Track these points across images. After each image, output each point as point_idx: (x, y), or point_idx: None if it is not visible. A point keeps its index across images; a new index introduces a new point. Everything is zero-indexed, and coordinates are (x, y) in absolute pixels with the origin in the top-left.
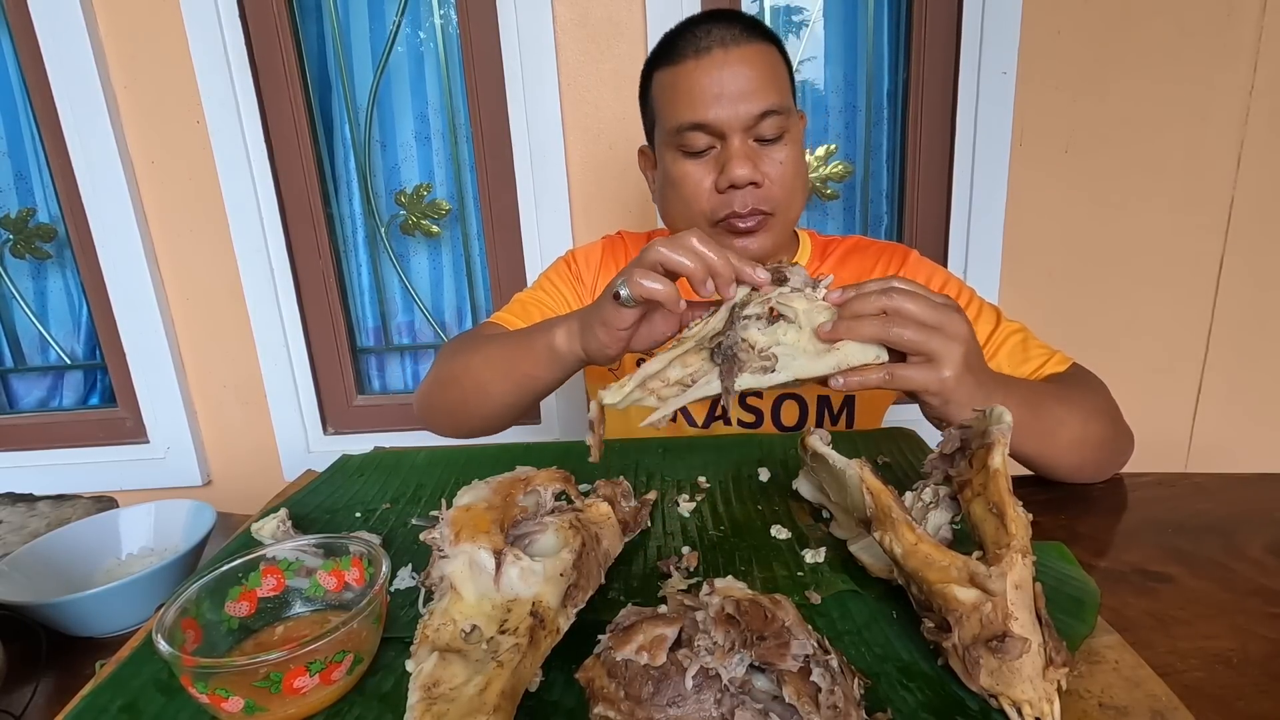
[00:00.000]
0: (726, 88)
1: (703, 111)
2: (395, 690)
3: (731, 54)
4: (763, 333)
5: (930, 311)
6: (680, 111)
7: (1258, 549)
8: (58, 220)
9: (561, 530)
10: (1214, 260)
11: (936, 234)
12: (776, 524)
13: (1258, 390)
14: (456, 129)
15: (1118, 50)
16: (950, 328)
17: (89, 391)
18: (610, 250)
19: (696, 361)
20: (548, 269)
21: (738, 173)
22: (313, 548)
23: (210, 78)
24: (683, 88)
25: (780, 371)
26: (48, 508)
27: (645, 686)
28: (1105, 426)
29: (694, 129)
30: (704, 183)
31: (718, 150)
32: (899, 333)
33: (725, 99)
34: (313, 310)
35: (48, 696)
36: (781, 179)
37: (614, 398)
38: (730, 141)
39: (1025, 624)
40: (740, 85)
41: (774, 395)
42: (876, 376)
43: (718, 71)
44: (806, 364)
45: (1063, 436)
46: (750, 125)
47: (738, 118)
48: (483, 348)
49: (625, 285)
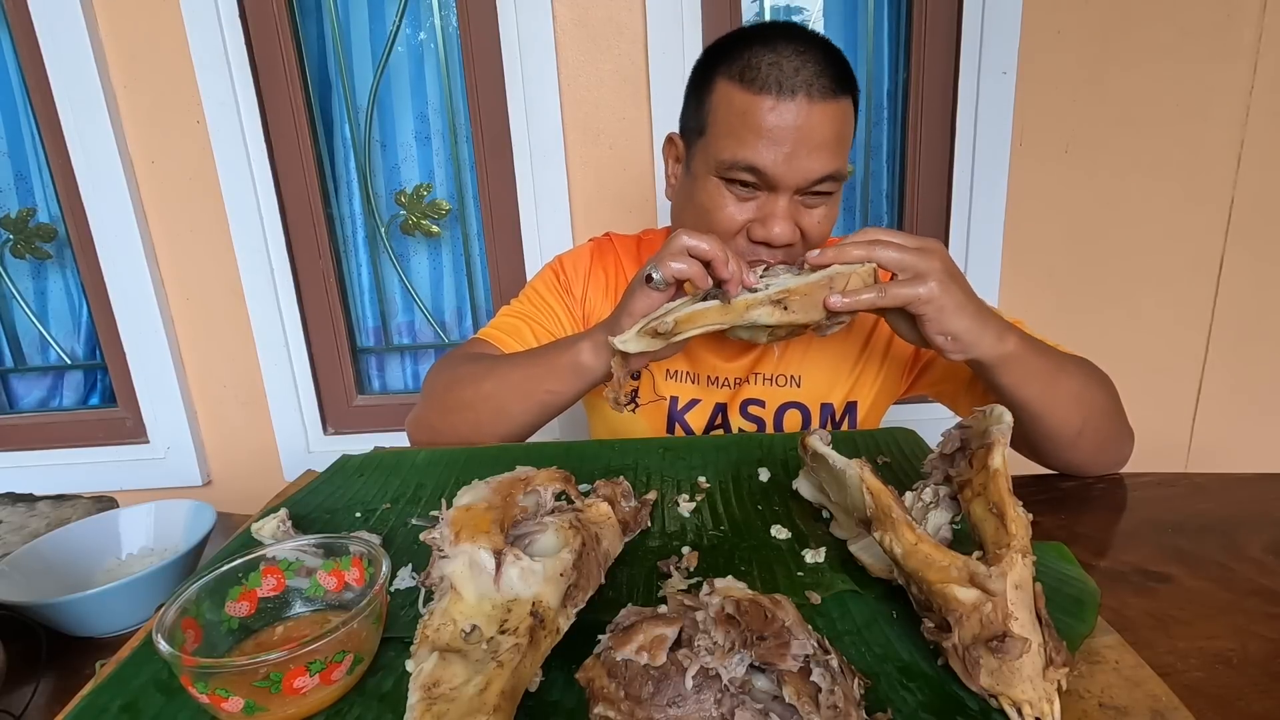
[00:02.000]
0: (800, 144)
1: (765, 159)
2: (395, 690)
3: (815, 109)
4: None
5: (905, 237)
6: (740, 147)
7: (1258, 549)
8: (58, 220)
9: (561, 530)
10: (1214, 260)
11: (936, 234)
12: (776, 524)
13: (1258, 390)
14: (456, 129)
15: (1118, 50)
16: (927, 245)
17: (89, 391)
18: (599, 253)
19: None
20: (535, 278)
21: (777, 232)
22: (313, 548)
23: (210, 78)
24: (753, 122)
25: (772, 287)
26: (48, 508)
27: (645, 686)
28: (1107, 399)
29: (748, 170)
30: (737, 219)
31: (762, 198)
32: (883, 253)
33: (793, 156)
34: (313, 310)
35: (48, 696)
36: (815, 236)
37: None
38: (779, 197)
39: (1025, 624)
40: (813, 145)
41: (777, 404)
42: (869, 296)
43: (795, 123)
44: (793, 279)
45: (1065, 386)
46: (806, 187)
47: (798, 177)
48: (495, 371)
49: (658, 269)
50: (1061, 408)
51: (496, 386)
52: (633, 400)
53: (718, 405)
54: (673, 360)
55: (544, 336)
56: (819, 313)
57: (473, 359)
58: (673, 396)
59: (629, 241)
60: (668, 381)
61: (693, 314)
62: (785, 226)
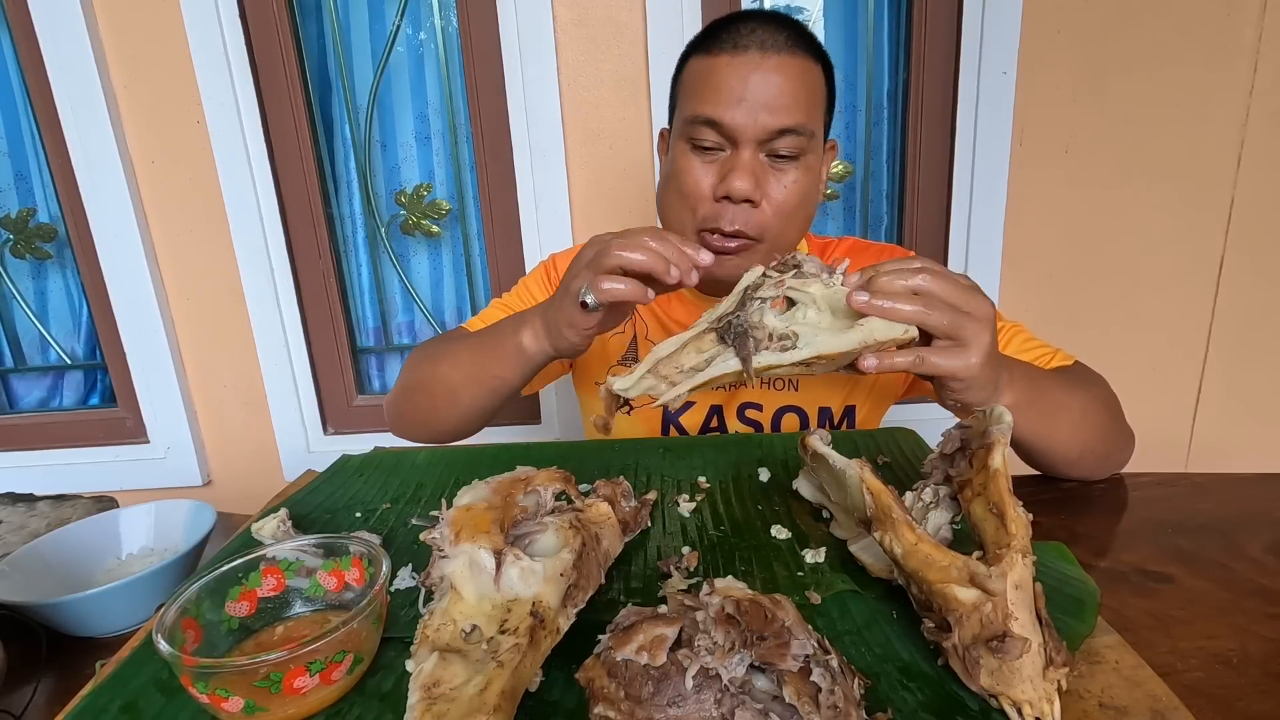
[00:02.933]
0: (752, 93)
1: (721, 109)
2: (395, 690)
3: (769, 59)
4: (779, 319)
5: (958, 293)
6: (700, 103)
7: (1258, 549)
8: (58, 220)
9: (561, 530)
10: (1214, 260)
11: (936, 234)
12: (776, 524)
13: (1258, 390)
14: (456, 129)
15: (1117, 50)
16: (978, 311)
17: (89, 391)
18: None
19: (710, 346)
20: (527, 275)
21: (736, 184)
22: (313, 548)
23: (210, 78)
24: (710, 80)
25: (802, 348)
26: (48, 508)
27: (645, 686)
28: (1106, 418)
29: (707, 124)
30: (703, 182)
31: (726, 154)
32: (937, 318)
33: (747, 104)
34: (313, 310)
35: (48, 696)
36: (782, 204)
37: (625, 384)
38: (740, 150)
39: (1025, 624)
40: (767, 94)
41: (774, 407)
42: (905, 360)
43: (748, 73)
44: (830, 339)
45: (1064, 421)
46: (765, 139)
47: (754, 126)
48: (449, 354)
49: (589, 292)
50: (1059, 441)
51: (450, 369)
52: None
53: (713, 408)
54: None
55: None
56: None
57: (442, 340)
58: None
59: None
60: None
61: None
62: (744, 180)
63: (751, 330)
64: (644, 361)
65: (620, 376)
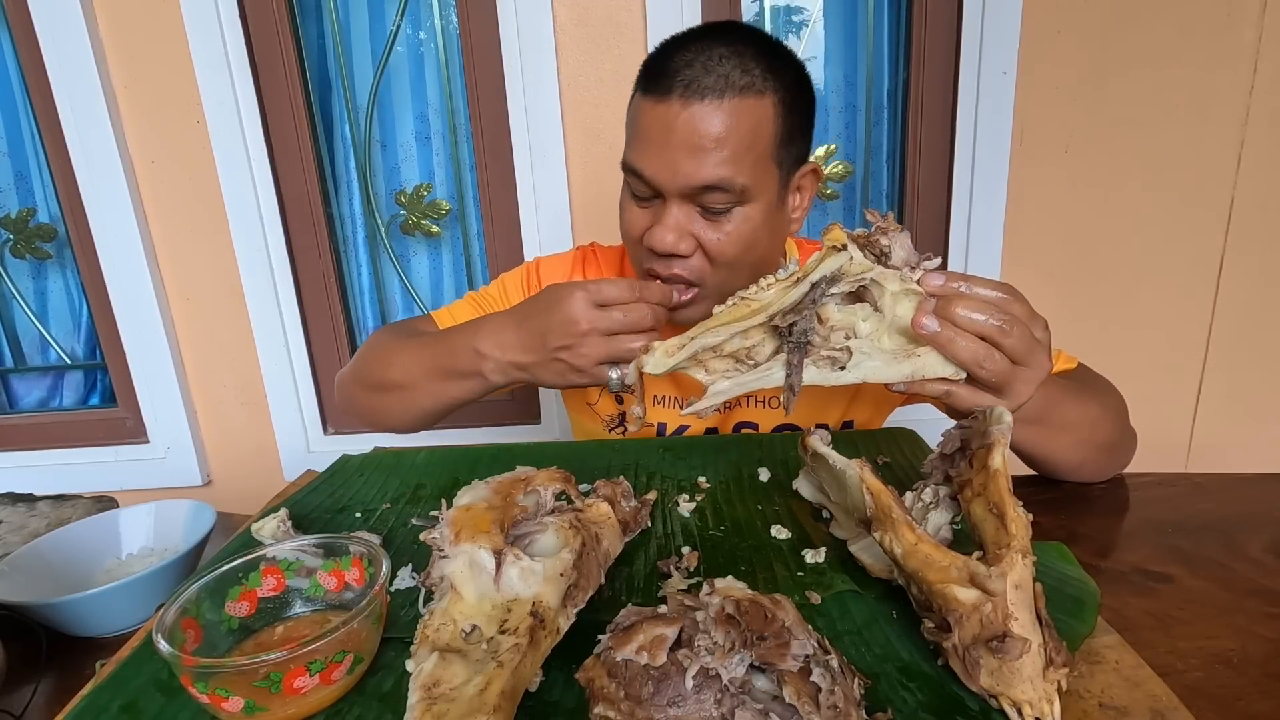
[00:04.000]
0: (673, 146)
1: (642, 161)
2: (395, 690)
3: (692, 109)
4: (840, 309)
5: (1026, 346)
6: (628, 148)
7: (1258, 549)
8: (58, 220)
9: (561, 530)
10: (1214, 260)
11: (936, 234)
12: (776, 524)
13: (1258, 390)
14: (456, 129)
15: (1118, 50)
16: (1037, 369)
17: (89, 391)
18: (579, 263)
19: (758, 335)
20: (508, 273)
21: (656, 239)
22: (313, 548)
23: (210, 78)
24: (637, 124)
25: (850, 371)
26: (48, 508)
27: (645, 686)
28: (1112, 429)
29: (634, 174)
30: (638, 226)
31: (659, 204)
32: (992, 369)
33: (667, 159)
34: (313, 310)
35: (48, 696)
36: (718, 254)
37: (658, 367)
38: (667, 204)
39: (1025, 624)
40: (690, 148)
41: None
42: (937, 390)
43: (669, 124)
44: (881, 367)
45: (1068, 436)
46: (689, 194)
47: (674, 183)
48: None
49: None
50: (1061, 452)
51: (401, 374)
52: (621, 424)
53: (708, 430)
54: (659, 385)
55: None
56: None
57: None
58: (661, 423)
59: (613, 254)
60: (656, 407)
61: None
62: (668, 235)
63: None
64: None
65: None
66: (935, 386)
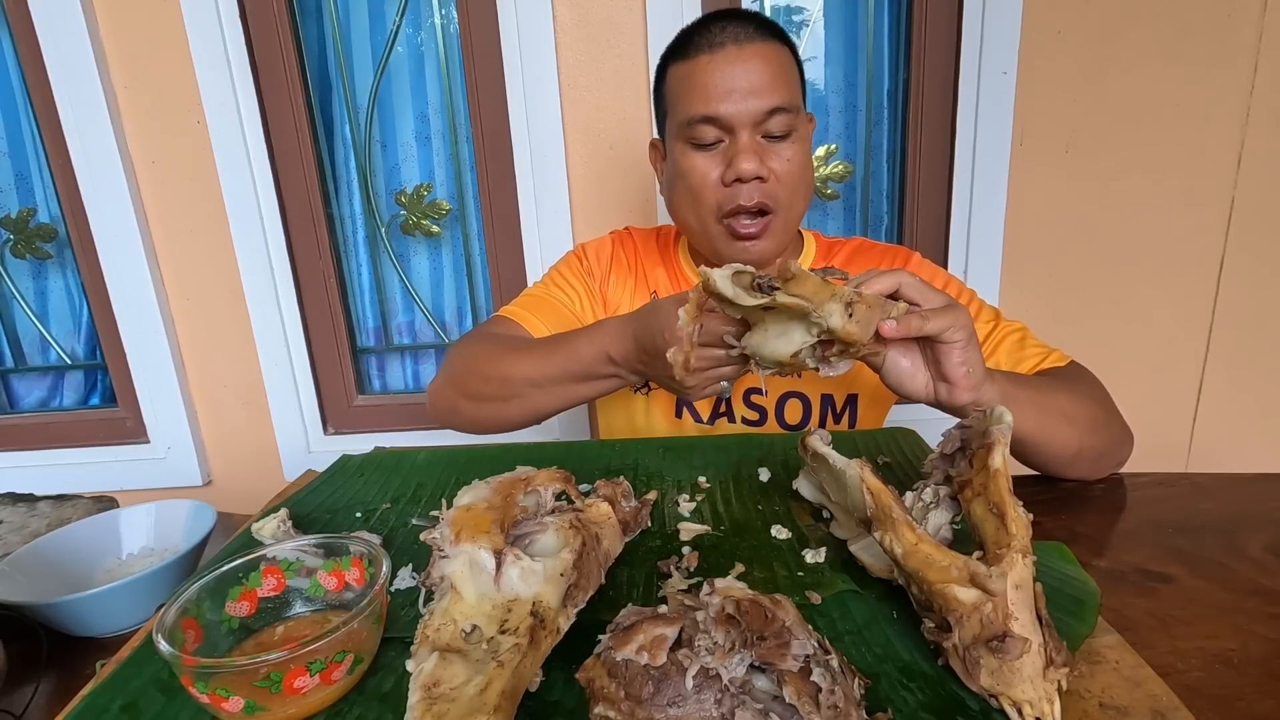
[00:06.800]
0: (738, 83)
1: (714, 105)
2: (395, 690)
3: (745, 50)
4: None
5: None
6: (692, 104)
7: (1258, 549)
8: (58, 220)
9: (562, 530)
10: (1215, 260)
11: (937, 234)
12: (776, 524)
13: (1258, 390)
14: (456, 129)
15: (1118, 50)
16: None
17: (89, 391)
18: (620, 246)
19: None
20: (558, 263)
21: (744, 166)
22: (313, 548)
23: (210, 78)
24: (696, 81)
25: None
26: (48, 508)
27: (645, 686)
28: (1098, 413)
29: (704, 122)
30: (711, 175)
31: (726, 144)
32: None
33: (736, 94)
34: (313, 310)
35: (48, 696)
36: (787, 175)
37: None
38: (739, 136)
39: (1025, 624)
40: (751, 81)
41: (779, 393)
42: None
43: (730, 67)
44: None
45: (1054, 413)
46: (759, 121)
47: (747, 112)
48: (529, 369)
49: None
50: (1055, 438)
51: (528, 382)
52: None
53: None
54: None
55: (565, 315)
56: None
57: (497, 342)
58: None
59: (648, 235)
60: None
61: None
62: (750, 161)
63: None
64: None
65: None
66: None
